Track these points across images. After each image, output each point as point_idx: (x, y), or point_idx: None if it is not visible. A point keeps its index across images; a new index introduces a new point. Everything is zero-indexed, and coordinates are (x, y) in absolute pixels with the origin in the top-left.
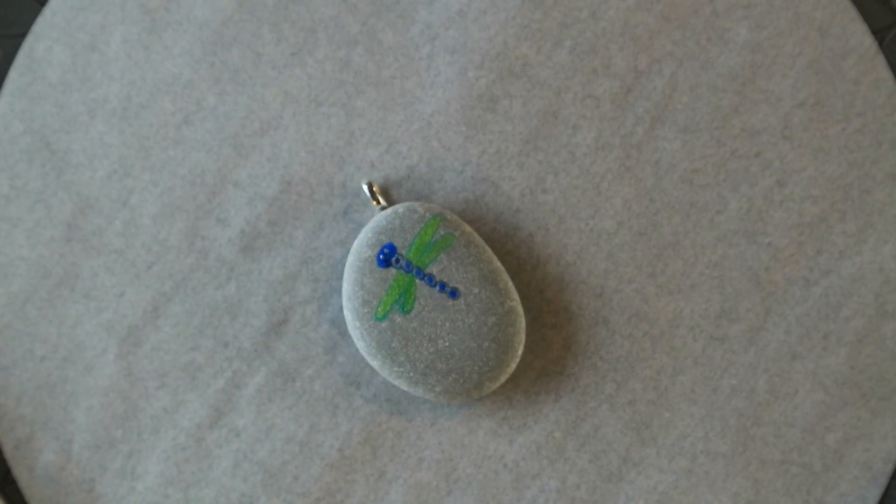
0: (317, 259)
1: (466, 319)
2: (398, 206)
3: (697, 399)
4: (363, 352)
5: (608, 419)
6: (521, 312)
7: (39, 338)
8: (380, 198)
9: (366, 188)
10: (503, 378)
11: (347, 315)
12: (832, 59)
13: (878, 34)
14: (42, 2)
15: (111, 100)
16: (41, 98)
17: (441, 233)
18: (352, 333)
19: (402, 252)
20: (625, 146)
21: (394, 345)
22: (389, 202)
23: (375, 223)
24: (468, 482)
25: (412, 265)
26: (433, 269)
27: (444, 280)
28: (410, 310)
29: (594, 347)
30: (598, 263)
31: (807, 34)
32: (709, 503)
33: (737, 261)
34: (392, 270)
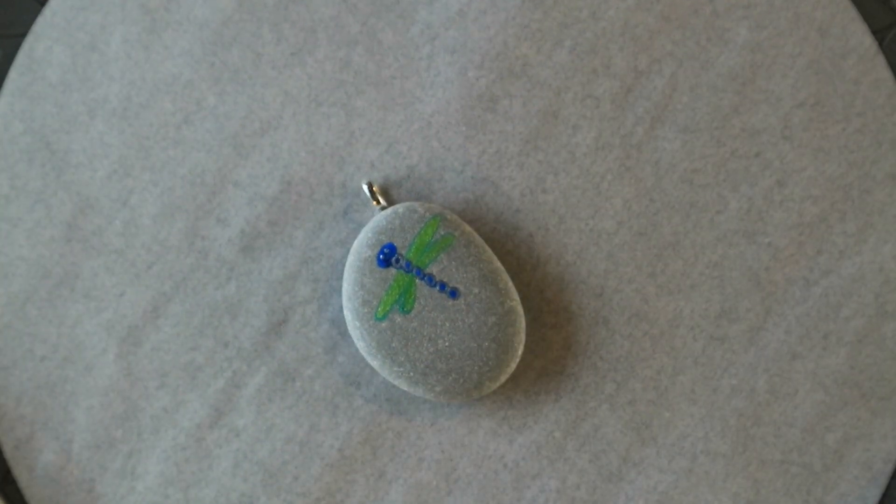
0: (317, 259)
1: (466, 319)
2: (398, 206)
3: (697, 399)
4: (363, 352)
5: (608, 419)
6: (521, 312)
7: (39, 338)
8: (380, 198)
9: (366, 188)
10: (503, 378)
11: (347, 315)
12: (832, 59)
13: (878, 34)
14: (42, 2)
15: (111, 100)
16: (41, 98)
17: (441, 233)
18: (352, 333)
19: (402, 252)
20: (625, 146)
21: (394, 345)
22: (389, 202)
23: (375, 223)
24: (468, 482)
25: (412, 265)
26: (433, 269)
27: (444, 280)
28: (410, 310)
29: (594, 347)
30: (598, 263)
31: (807, 34)
32: (709, 503)
33: (737, 261)
34: (392, 270)
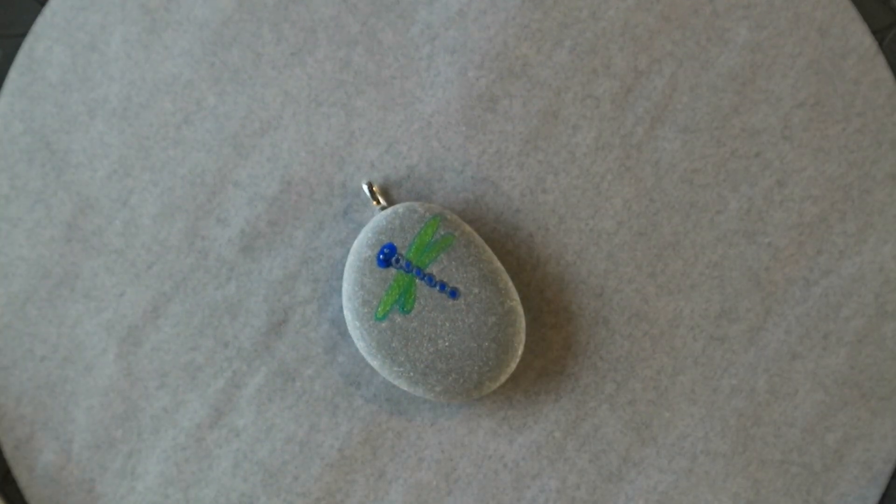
0: (317, 259)
1: (466, 319)
2: (398, 206)
3: (697, 399)
4: (363, 352)
5: (608, 419)
6: (521, 312)
7: (39, 338)
8: (380, 198)
9: (366, 188)
10: (503, 378)
11: (347, 315)
12: (832, 59)
13: (878, 34)
14: (42, 2)
15: (111, 100)
16: (41, 98)
17: (441, 233)
18: (352, 333)
19: (402, 252)
20: (625, 146)
21: (394, 345)
22: (389, 202)
23: (375, 223)
24: (468, 482)
25: (412, 265)
26: (433, 269)
27: (444, 280)
28: (410, 310)
29: (594, 347)
30: (598, 263)
31: (807, 34)
32: (709, 503)
33: (737, 261)
34: (392, 270)
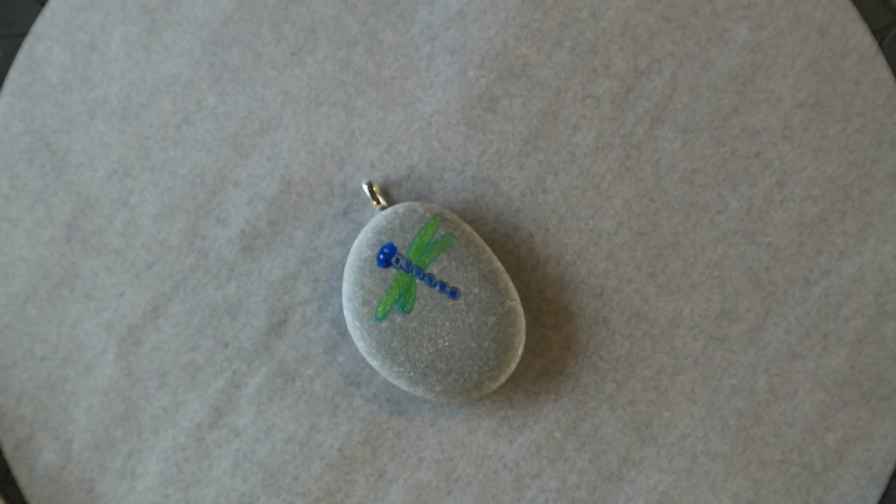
0: (317, 259)
1: (466, 319)
2: (398, 206)
3: (697, 399)
4: (363, 352)
5: (608, 419)
6: (521, 312)
7: (39, 338)
8: (380, 198)
9: (366, 188)
10: (503, 378)
11: (347, 315)
12: (832, 59)
13: (878, 34)
14: (42, 2)
15: (111, 100)
16: (41, 98)
17: (441, 233)
18: (352, 333)
19: (402, 252)
20: (625, 146)
21: (394, 345)
22: (389, 202)
23: (375, 223)
24: (468, 482)
25: (412, 265)
26: (433, 269)
27: (444, 280)
28: (410, 310)
29: (594, 347)
30: (598, 263)
31: (807, 34)
32: (709, 503)
33: (737, 261)
34: (392, 270)
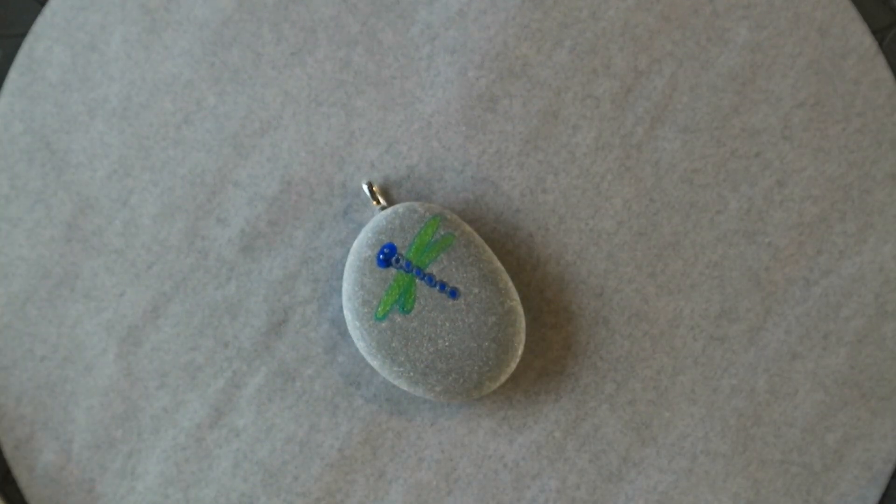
0: (317, 259)
1: (466, 319)
2: (398, 206)
3: (697, 399)
4: (363, 352)
5: (608, 419)
6: (521, 312)
7: (39, 338)
8: (380, 198)
9: (366, 188)
10: (503, 378)
11: (347, 315)
12: (832, 59)
13: (878, 34)
14: (42, 2)
15: (111, 100)
16: (41, 98)
17: (441, 233)
18: (352, 333)
19: (402, 252)
20: (625, 146)
21: (394, 345)
22: (389, 202)
23: (375, 223)
24: (468, 482)
25: (412, 265)
26: (433, 269)
27: (444, 280)
28: (410, 310)
29: (594, 347)
30: (598, 263)
31: (807, 34)
32: (709, 503)
33: (737, 261)
34: (392, 270)
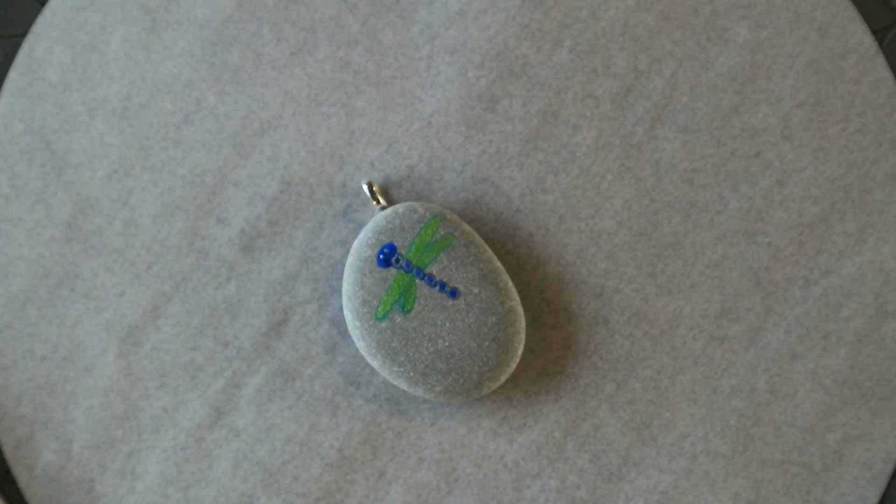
0: (317, 259)
1: (466, 319)
2: (398, 206)
3: (697, 399)
4: (363, 352)
5: (608, 419)
6: (521, 312)
7: (39, 338)
8: (380, 198)
9: (366, 188)
10: (503, 378)
11: (347, 315)
12: (832, 59)
13: (878, 34)
14: (42, 2)
15: (111, 100)
16: (41, 98)
17: (441, 233)
18: (352, 333)
19: (402, 252)
20: (625, 146)
21: (394, 345)
22: (389, 202)
23: (375, 223)
24: (468, 482)
25: (412, 265)
26: (433, 269)
27: (444, 280)
28: (410, 310)
29: (594, 347)
30: (598, 263)
31: (807, 34)
32: (709, 503)
33: (737, 261)
34: (392, 270)
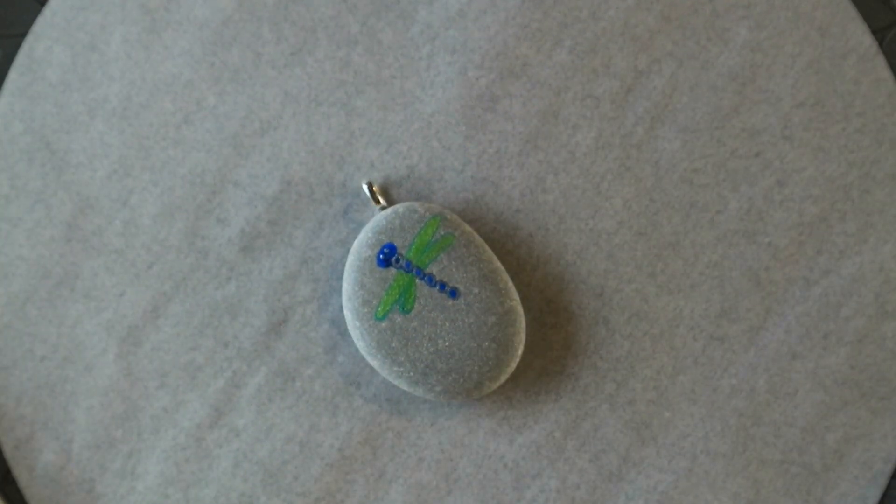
0: (317, 259)
1: (466, 319)
2: (398, 206)
3: (697, 399)
4: (363, 352)
5: (608, 419)
6: (521, 312)
7: (39, 338)
8: (380, 198)
9: (366, 188)
10: (503, 378)
11: (347, 315)
12: (832, 59)
13: (878, 34)
14: (42, 2)
15: (111, 100)
16: (41, 98)
17: (441, 233)
18: (352, 333)
19: (402, 252)
20: (625, 146)
21: (394, 345)
22: (389, 202)
23: (375, 223)
24: (468, 482)
25: (412, 265)
26: (433, 269)
27: (444, 280)
28: (410, 310)
29: (594, 347)
30: (598, 263)
31: (807, 34)
32: (709, 503)
33: (737, 261)
34: (392, 270)
